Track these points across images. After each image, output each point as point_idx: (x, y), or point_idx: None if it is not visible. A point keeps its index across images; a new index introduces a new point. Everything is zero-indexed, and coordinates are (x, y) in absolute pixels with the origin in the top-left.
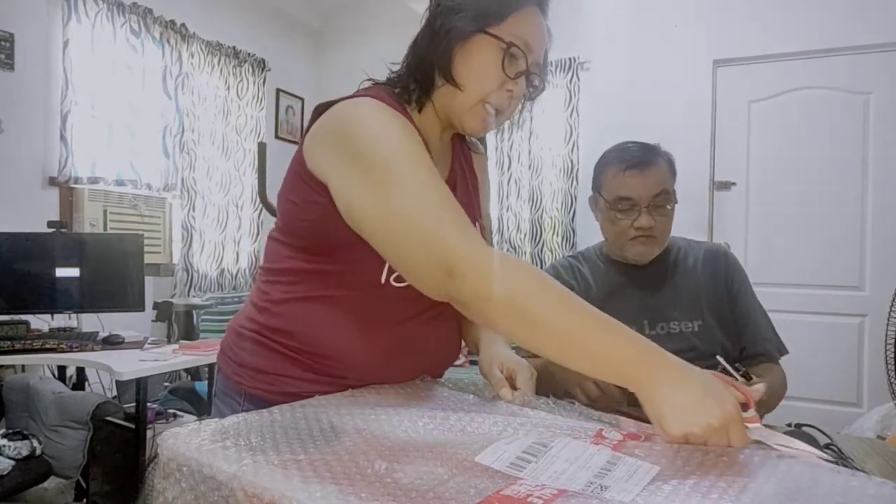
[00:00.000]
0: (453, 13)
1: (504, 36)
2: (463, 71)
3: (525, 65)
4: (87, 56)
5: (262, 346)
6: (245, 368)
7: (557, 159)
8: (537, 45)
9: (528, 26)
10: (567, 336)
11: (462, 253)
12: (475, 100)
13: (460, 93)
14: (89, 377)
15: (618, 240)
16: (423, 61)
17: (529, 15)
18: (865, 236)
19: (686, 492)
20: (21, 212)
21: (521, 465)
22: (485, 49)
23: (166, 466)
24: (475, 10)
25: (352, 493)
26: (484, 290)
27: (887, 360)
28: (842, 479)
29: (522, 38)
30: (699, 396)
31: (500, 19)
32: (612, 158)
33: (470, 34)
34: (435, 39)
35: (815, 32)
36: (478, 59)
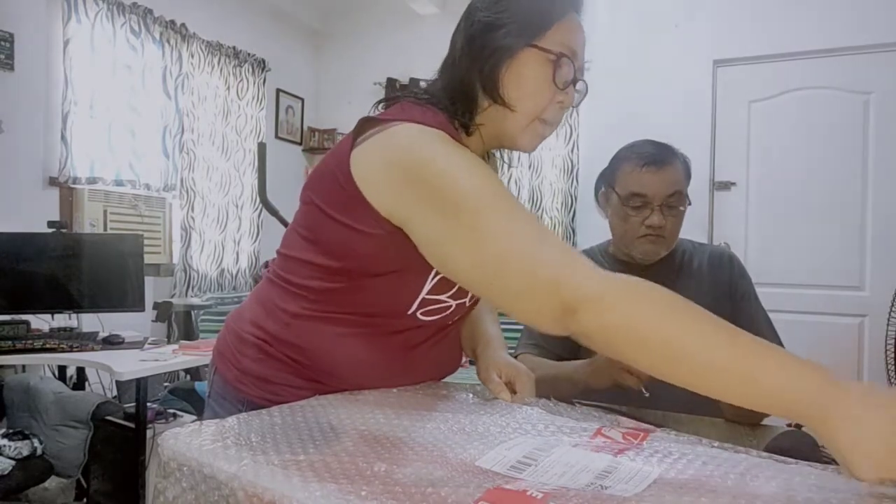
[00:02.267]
0: (494, 29)
1: (553, 47)
2: (513, 91)
3: (573, 73)
4: (87, 56)
5: (268, 356)
6: (248, 376)
7: (557, 159)
8: (581, 50)
9: (572, 32)
10: (717, 370)
11: (576, 287)
12: (529, 118)
13: (512, 113)
14: (89, 377)
15: (626, 237)
16: (465, 83)
17: (570, 20)
18: (865, 236)
19: (686, 493)
20: (21, 212)
21: (521, 468)
22: (534, 64)
23: (166, 466)
24: (518, 23)
25: (352, 493)
26: (609, 321)
27: (887, 360)
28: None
29: (569, 45)
30: (890, 433)
31: (545, 30)
32: (629, 154)
33: (517, 50)
34: (477, 59)
35: (815, 32)
36: (528, 75)
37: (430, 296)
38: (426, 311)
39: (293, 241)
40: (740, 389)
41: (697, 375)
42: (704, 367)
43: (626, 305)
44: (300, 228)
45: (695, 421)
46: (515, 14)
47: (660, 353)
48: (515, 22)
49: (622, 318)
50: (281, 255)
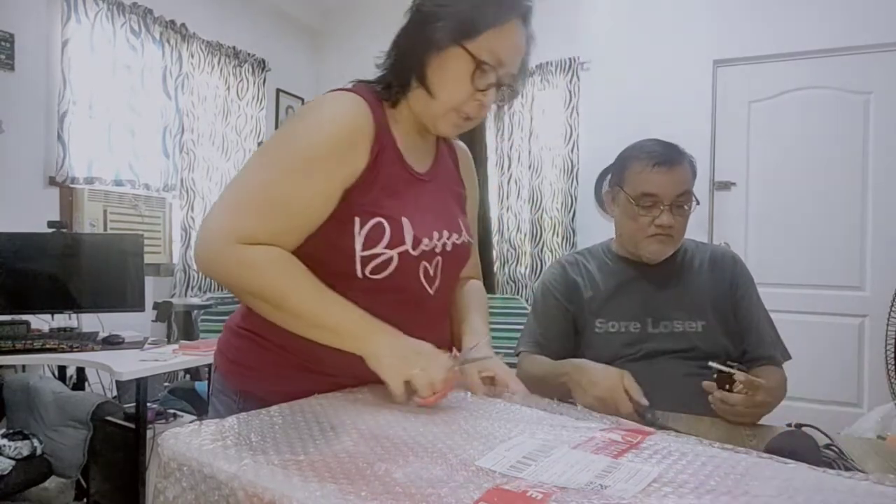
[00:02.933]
0: (432, 21)
1: (477, 52)
2: (436, 80)
3: (495, 78)
4: (86, 56)
5: (255, 345)
6: (239, 366)
7: (557, 159)
8: (511, 59)
9: (504, 41)
10: (293, 314)
11: (243, 236)
12: (446, 108)
13: (432, 99)
14: (89, 377)
15: (635, 236)
16: (401, 63)
17: (507, 30)
18: (865, 236)
19: (686, 493)
20: (21, 212)
21: (521, 467)
22: (458, 62)
23: (166, 466)
24: (454, 21)
25: (352, 492)
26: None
27: (887, 360)
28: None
29: (496, 53)
30: (404, 344)
31: (476, 34)
32: (639, 154)
33: (446, 46)
34: (412, 45)
35: (815, 32)
36: (451, 70)
37: (366, 252)
38: (373, 268)
39: None
40: (317, 330)
41: (294, 317)
42: (299, 312)
43: (265, 262)
44: None
45: (695, 421)
46: (454, 12)
47: (270, 298)
48: (452, 19)
49: (257, 270)
50: None
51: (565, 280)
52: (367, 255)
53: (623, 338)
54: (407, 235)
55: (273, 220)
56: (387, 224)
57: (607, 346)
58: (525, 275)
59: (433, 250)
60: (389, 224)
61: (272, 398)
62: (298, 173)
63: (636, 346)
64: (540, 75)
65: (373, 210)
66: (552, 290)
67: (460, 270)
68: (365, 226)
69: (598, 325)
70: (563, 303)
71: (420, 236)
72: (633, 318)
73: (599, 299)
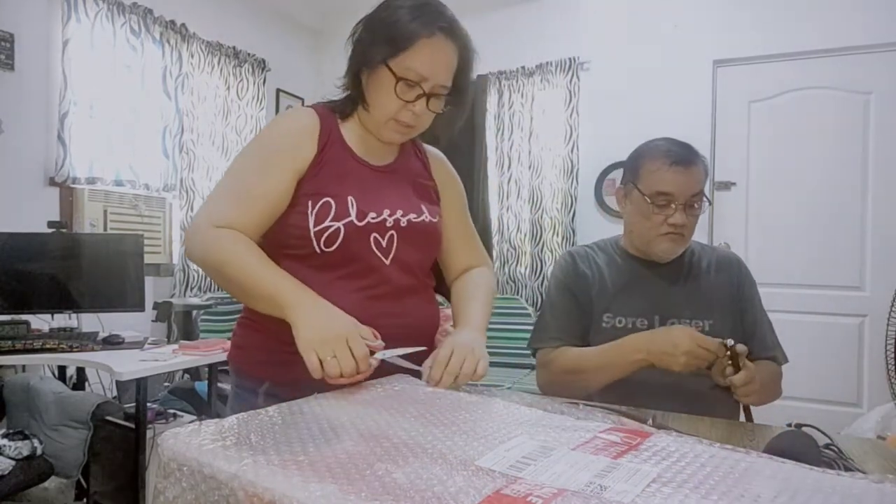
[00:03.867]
0: (364, 44)
1: (397, 69)
2: (370, 94)
3: (421, 90)
4: (86, 56)
5: (254, 331)
6: (240, 349)
7: (557, 159)
8: (434, 72)
9: (423, 57)
10: (235, 283)
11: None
12: (383, 119)
13: (369, 112)
14: (89, 377)
15: (647, 234)
16: (349, 80)
17: (427, 45)
18: (865, 236)
19: (686, 493)
20: (21, 212)
21: (521, 467)
22: (384, 79)
23: (166, 466)
24: (380, 43)
25: (352, 492)
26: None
27: (887, 360)
28: (844, 483)
29: (415, 69)
30: (326, 322)
31: (397, 52)
32: (656, 152)
33: (375, 65)
34: (353, 66)
35: (815, 32)
36: (379, 86)
37: (318, 227)
38: (325, 240)
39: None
40: (257, 299)
41: (238, 287)
42: (240, 281)
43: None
44: None
45: (695, 421)
46: (380, 34)
47: (219, 267)
48: (377, 42)
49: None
50: None
51: (576, 271)
52: (318, 229)
53: (629, 333)
54: (351, 209)
55: (241, 207)
56: (333, 202)
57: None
58: (525, 275)
59: (383, 223)
60: (335, 201)
61: (256, 371)
62: (258, 168)
63: None
64: (540, 75)
65: (321, 192)
66: (565, 281)
67: (427, 247)
68: (315, 206)
69: (605, 319)
70: (576, 294)
71: (365, 210)
72: (640, 314)
73: (607, 293)
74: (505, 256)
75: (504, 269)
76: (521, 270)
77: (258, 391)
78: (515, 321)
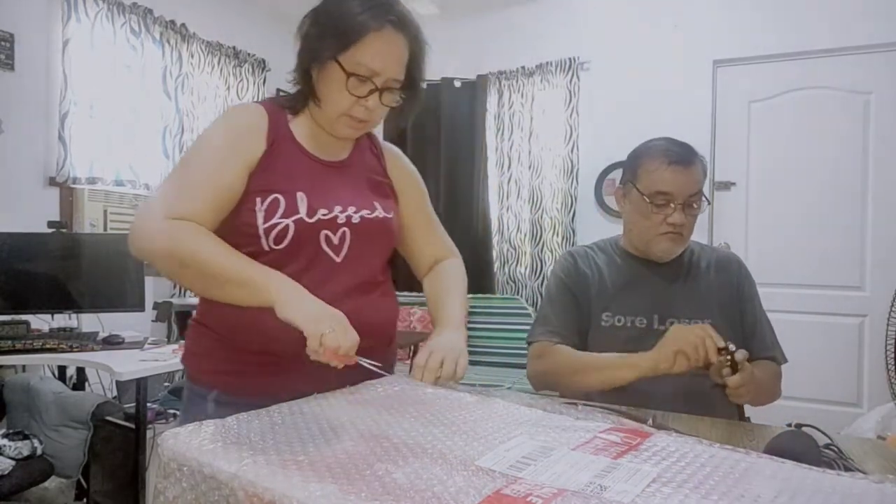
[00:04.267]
0: (312, 39)
1: (347, 65)
2: (321, 91)
3: (373, 85)
4: (86, 56)
5: (202, 336)
6: (188, 352)
7: (557, 159)
8: (385, 66)
9: (375, 50)
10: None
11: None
12: (335, 115)
13: (321, 108)
14: (89, 377)
15: (646, 233)
16: (301, 74)
17: (377, 38)
18: (865, 236)
19: (686, 493)
20: (21, 212)
21: (521, 467)
22: (335, 74)
23: (166, 466)
24: (329, 38)
25: (352, 492)
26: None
27: (887, 360)
28: (843, 483)
29: (365, 64)
30: (317, 302)
31: (346, 48)
32: (654, 152)
33: (325, 61)
34: (301, 60)
35: (815, 32)
36: (330, 82)
37: (266, 224)
38: (274, 237)
39: None
40: (227, 287)
41: (203, 276)
42: (208, 269)
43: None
44: None
45: (695, 421)
46: (328, 29)
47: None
48: (326, 37)
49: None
50: None
51: (576, 271)
52: (267, 226)
53: (629, 332)
54: (301, 205)
55: (196, 199)
56: (282, 198)
57: (612, 340)
58: (525, 275)
59: (334, 220)
60: (284, 198)
61: (209, 379)
62: (210, 161)
63: (641, 341)
64: (540, 75)
65: (270, 188)
66: (566, 280)
67: (381, 243)
68: (264, 202)
69: (604, 318)
70: (576, 293)
71: (315, 206)
72: (639, 314)
73: (607, 293)
74: (505, 256)
75: (504, 269)
76: (521, 270)
77: (208, 398)
78: (515, 321)
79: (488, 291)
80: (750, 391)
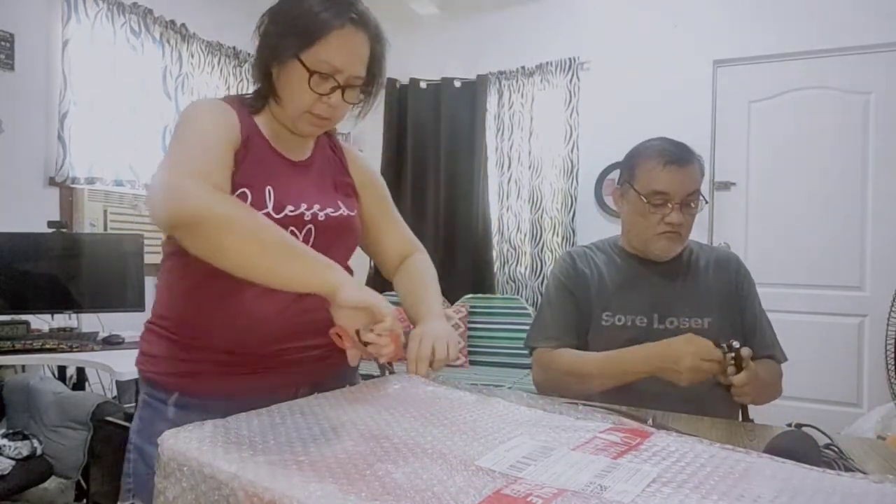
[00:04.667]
0: (271, 37)
1: (309, 62)
2: (282, 89)
3: (336, 82)
4: (86, 56)
5: (155, 335)
6: (143, 355)
7: (557, 159)
8: (347, 63)
9: (337, 48)
10: (256, 240)
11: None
12: (297, 112)
13: (282, 106)
14: (89, 377)
15: (644, 233)
16: (260, 72)
17: (339, 36)
18: (865, 236)
19: (686, 493)
20: (21, 212)
21: (521, 467)
22: (296, 72)
23: (166, 466)
24: (289, 36)
25: (352, 492)
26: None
27: (887, 360)
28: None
29: (328, 61)
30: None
31: (308, 45)
32: (651, 152)
33: (286, 59)
34: (259, 58)
35: (816, 32)
36: (291, 80)
37: None
38: None
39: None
40: (284, 259)
41: (253, 245)
42: (264, 241)
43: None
44: None
45: (695, 421)
46: (288, 27)
47: (241, 224)
48: (287, 35)
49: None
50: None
51: (575, 271)
52: None
53: (629, 332)
54: (268, 201)
55: (211, 163)
56: (249, 192)
57: (612, 340)
58: (525, 275)
59: (300, 217)
60: (252, 192)
61: (166, 380)
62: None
63: (641, 340)
64: (540, 75)
65: (240, 182)
66: (564, 281)
67: (345, 241)
68: (233, 195)
69: (604, 317)
70: (575, 293)
71: (283, 202)
72: (639, 312)
73: (607, 292)
74: (505, 256)
75: (504, 269)
76: (521, 270)
77: (168, 402)
78: (515, 321)
79: (488, 291)
80: (755, 388)
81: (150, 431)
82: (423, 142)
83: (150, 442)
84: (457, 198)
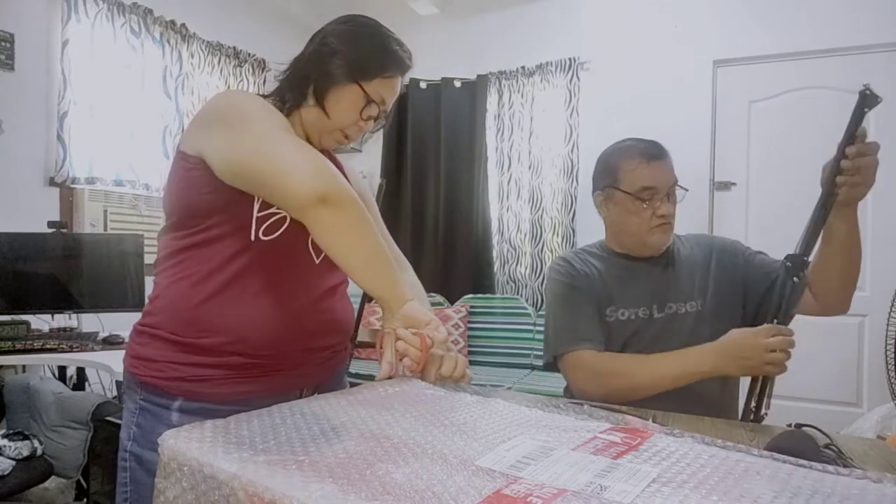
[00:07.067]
0: (339, 58)
1: (370, 92)
2: (332, 104)
3: (377, 112)
4: (86, 56)
5: (152, 337)
6: (139, 360)
7: (557, 159)
8: (390, 100)
9: (389, 88)
10: (368, 255)
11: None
12: (335, 128)
13: (326, 118)
14: (89, 377)
15: (639, 230)
16: (303, 82)
17: (393, 80)
18: (865, 236)
19: (686, 493)
20: (21, 212)
21: (521, 467)
22: (353, 95)
23: (166, 466)
24: (356, 63)
25: (352, 492)
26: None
27: (887, 360)
28: (843, 482)
29: (381, 95)
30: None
31: (371, 77)
32: (630, 153)
33: (347, 82)
34: (316, 71)
35: (816, 32)
36: (347, 100)
37: (262, 213)
38: (266, 227)
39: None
40: (367, 276)
41: (361, 260)
42: (367, 255)
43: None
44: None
45: (695, 421)
46: (356, 56)
47: (362, 243)
48: (354, 62)
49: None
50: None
51: (576, 271)
52: (262, 215)
53: (632, 325)
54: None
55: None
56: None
57: (618, 334)
58: (525, 275)
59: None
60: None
61: (168, 385)
62: (272, 120)
63: (643, 332)
64: (540, 75)
65: None
66: (571, 282)
67: None
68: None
69: (608, 313)
70: (584, 291)
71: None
72: (640, 305)
73: (608, 288)
74: (505, 256)
75: (504, 269)
76: (521, 270)
77: (171, 407)
78: (515, 321)
79: (488, 291)
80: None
81: (150, 438)
82: (423, 142)
83: (152, 448)
84: (457, 198)
